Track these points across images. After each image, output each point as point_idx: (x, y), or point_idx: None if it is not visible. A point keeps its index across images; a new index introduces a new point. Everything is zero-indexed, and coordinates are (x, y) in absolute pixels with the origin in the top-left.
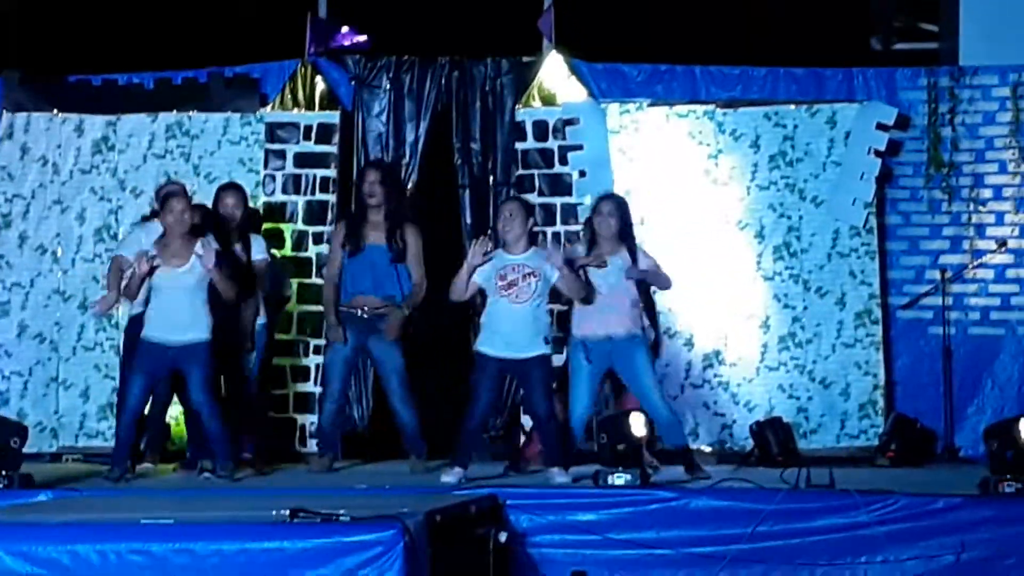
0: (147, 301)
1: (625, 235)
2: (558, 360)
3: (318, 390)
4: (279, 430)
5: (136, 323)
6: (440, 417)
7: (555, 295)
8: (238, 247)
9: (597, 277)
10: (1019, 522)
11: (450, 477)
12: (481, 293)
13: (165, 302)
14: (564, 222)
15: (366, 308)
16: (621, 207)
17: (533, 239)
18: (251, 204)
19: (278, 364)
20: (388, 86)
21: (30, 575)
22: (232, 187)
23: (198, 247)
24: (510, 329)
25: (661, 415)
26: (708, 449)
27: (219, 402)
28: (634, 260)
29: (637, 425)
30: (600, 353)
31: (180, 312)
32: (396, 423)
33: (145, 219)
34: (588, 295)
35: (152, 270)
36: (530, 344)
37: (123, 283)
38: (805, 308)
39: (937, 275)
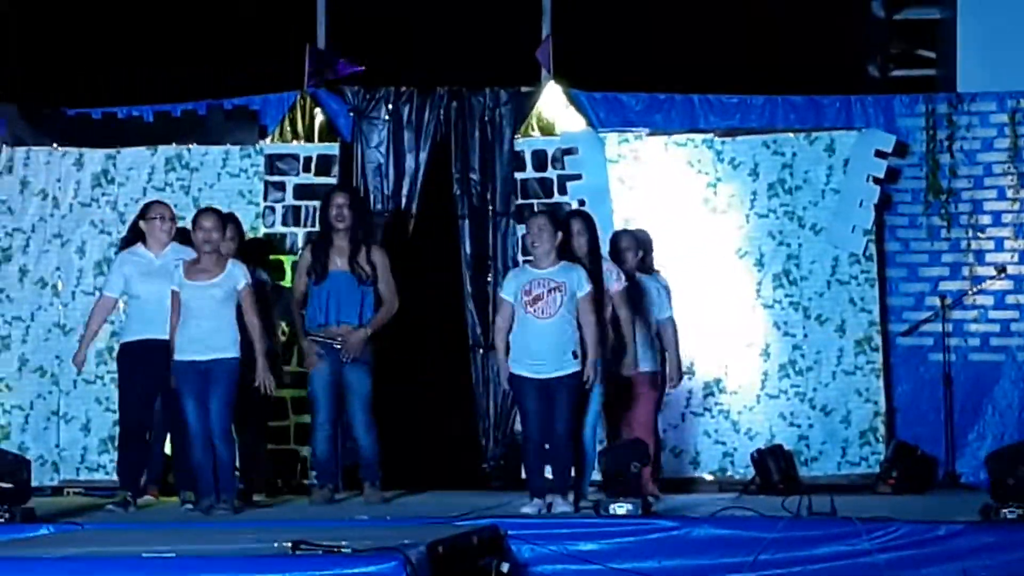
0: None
1: (594, 254)
2: None
3: None
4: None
5: (127, 350)
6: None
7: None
8: (262, 274)
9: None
10: (1021, 548)
11: (530, 508)
12: None
13: (193, 318)
14: None
15: (340, 337)
16: (590, 226)
17: (563, 253)
18: (251, 235)
19: (279, 396)
20: (387, 117)
21: None
22: (228, 217)
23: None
24: (537, 347)
25: (560, 444)
26: (709, 477)
27: (231, 429)
28: (601, 280)
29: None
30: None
31: (208, 327)
32: (357, 451)
33: (127, 242)
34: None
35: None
36: (558, 362)
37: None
38: (805, 336)
39: (937, 302)
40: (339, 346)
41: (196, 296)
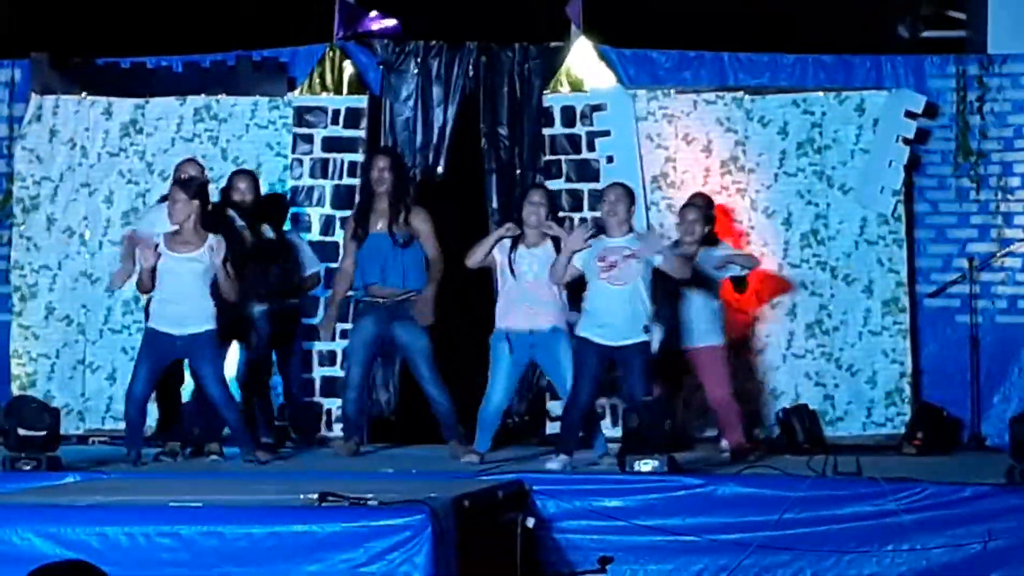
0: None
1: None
2: None
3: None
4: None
5: None
6: (463, 401)
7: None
8: (266, 229)
9: (523, 266)
10: None
11: (555, 464)
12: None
13: (171, 289)
14: (591, 208)
15: (387, 297)
16: (549, 197)
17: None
18: (280, 189)
19: (306, 348)
20: (416, 71)
21: (59, 557)
22: (244, 173)
23: (211, 242)
24: (610, 314)
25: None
26: None
27: (231, 392)
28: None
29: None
30: (522, 345)
31: (185, 301)
32: (431, 408)
33: (164, 198)
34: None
35: (158, 257)
36: (630, 330)
37: (136, 276)
38: (832, 296)
39: (965, 263)
40: (386, 303)
41: (174, 268)
